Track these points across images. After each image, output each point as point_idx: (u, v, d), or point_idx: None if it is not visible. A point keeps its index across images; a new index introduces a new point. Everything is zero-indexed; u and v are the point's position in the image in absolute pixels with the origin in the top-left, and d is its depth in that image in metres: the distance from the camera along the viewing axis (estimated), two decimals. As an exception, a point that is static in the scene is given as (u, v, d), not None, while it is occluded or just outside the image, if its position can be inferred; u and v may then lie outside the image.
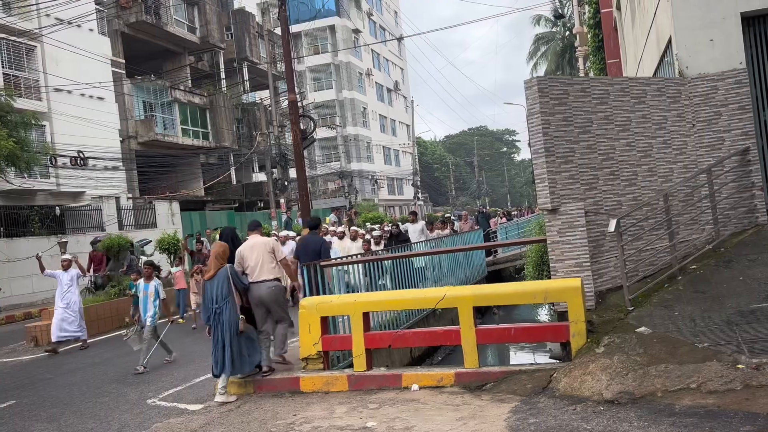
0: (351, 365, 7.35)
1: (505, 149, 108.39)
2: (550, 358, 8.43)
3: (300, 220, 21.14)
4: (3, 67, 23.44)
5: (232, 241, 7.90)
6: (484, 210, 25.95)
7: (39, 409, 7.64)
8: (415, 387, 6.67)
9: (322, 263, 8.49)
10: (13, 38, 23.89)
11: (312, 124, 10.83)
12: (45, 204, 24.63)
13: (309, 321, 7.43)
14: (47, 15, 23.61)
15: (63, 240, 18.61)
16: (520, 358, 12.35)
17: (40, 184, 23.88)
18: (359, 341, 7.17)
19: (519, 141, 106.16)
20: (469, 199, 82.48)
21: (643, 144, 8.71)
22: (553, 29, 47.28)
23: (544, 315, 15.90)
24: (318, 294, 8.14)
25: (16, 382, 9.30)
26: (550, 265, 8.02)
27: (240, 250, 7.65)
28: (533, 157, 8.07)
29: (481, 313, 14.58)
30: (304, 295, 8.20)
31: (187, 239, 18.53)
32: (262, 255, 7.57)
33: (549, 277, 8.38)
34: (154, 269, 10.18)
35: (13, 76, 23.83)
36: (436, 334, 7.54)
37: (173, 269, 13.55)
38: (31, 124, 18.67)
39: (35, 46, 24.73)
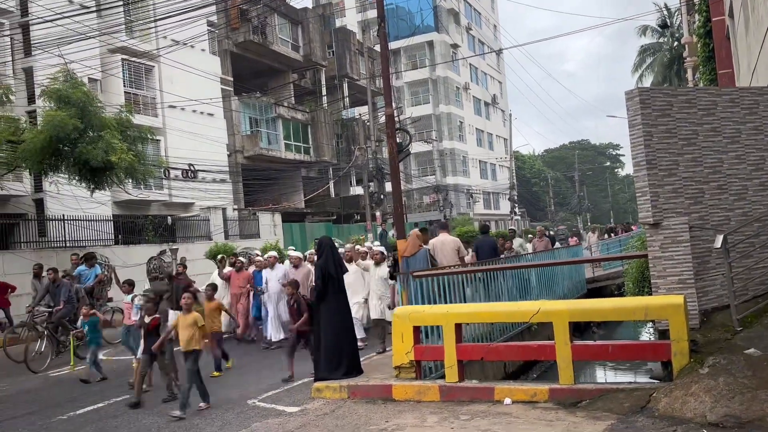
0: (443, 376, 7.39)
1: (608, 164, 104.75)
2: (650, 378, 8.11)
3: (394, 233, 21.42)
4: (124, 85, 25.32)
5: (331, 249, 8.30)
6: (550, 233, 24.56)
7: (149, 404, 8.15)
8: (507, 401, 6.62)
9: (415, 273, 8.59)
10: (134, 59, 25.79)
11: (408, 138, 11.01)
12: (158, 213, 26.28)
13: (402, 330, 7.55)
14: (164, 37, 25.28)
15: (174, 247, 19.73)
16: (616, 377, 11.92)
17: (154, 194, 25.48)
18: (451, 352, 7.21)
19: (623, 155, 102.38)
20: (568, 215, 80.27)
21: (754, 157, 8.26)
22: (660, 40, 45.43)
23: (646, 336, 15.25)
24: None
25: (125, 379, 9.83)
26: (652, 281, 7.75)
27: (433, 243, 10.80)
28: (634, 169, 7.84)
29: (580, 331, 14.18)
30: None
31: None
32: (449, 249, 10.78)
33: (650, 294, 8.08)
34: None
35: (132, 94, 25.69)
36: (530, 348, 7.45)
37: (126, 298, 10.33)
38: (148, 138, 19.95)
39: (153, 66, 26.56)
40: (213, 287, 10.40)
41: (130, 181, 18.43)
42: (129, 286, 10.38)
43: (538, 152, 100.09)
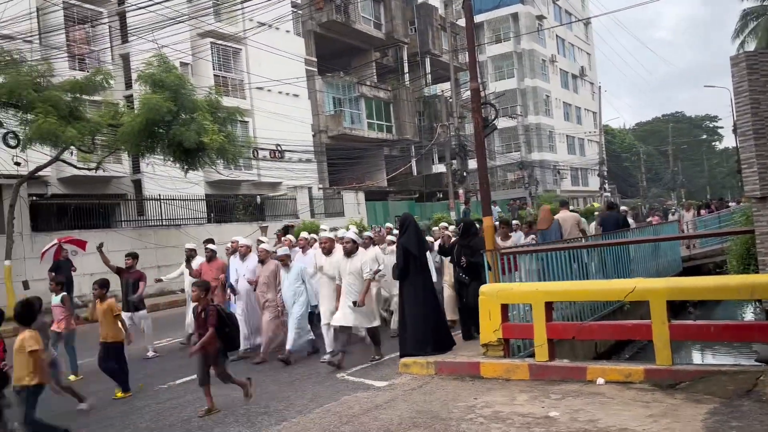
0: (532, 355, 7.25)
1: (704, 137, 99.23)
2: (756, 360, 7.66)
3: (478, 210, 21.07)
4: (213, 68, 26.11)
5: (414, 227, 8.36)
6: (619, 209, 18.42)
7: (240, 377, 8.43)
8: (600, 381, 6.42)
9: (498, 251, 8.44)
10: (222, 42, 26.52)
11: (494, 112, 10.78)
12: (248, 193, 27.10)
13: (489, 307, 7.45)
14: (250, 19, 25.82)
15: (263, 225, 20.30)
16: (714, 359, 11.34)
17: (244, 175, 26.26)
18: (541, 331, 7.05)
19: (721, 127, 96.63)
20: (662, 191, 76.81)
21: None
22: (765, 3, 42.30)
23: (750, 317, 14.43)
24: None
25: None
26: (759, 258, 7.29)
27: (557, 219, 11.59)
28: (740, 140, 7.37)
29: (675, 311, 13.57)
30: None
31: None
32: (571, 225, 11.54)
33: (756, 272, 7.60)
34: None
35: (221, 76, 26.47)
36: (625, 327, 7.17)
37: (54, 299, 8.76)
38: (237, 120, 20.55)
39: (240, 49, 27.24)
40: (102, 283, 8.05)
41: (221, 161, 19.05)
42: (58, 285, 8.73)
43: (629, 126, 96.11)
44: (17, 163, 16.57)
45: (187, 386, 8.16)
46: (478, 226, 9.46)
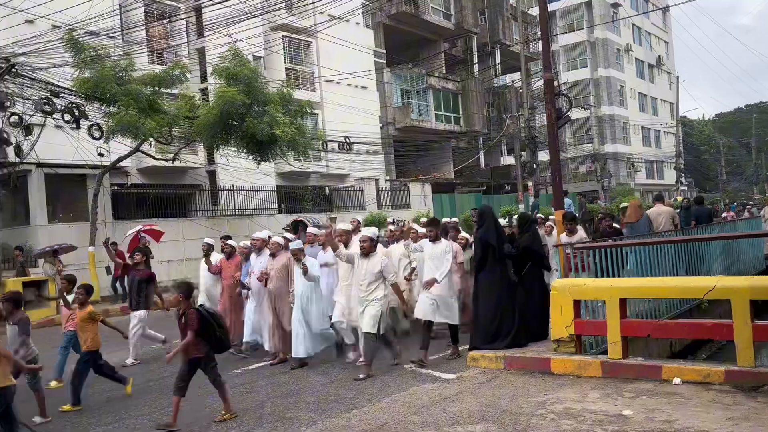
0: (604, 352, 7.11)
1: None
2: None
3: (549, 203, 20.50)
4: (285, 61, 26.59)
5: (493, 219, 8.29)
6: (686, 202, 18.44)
7: (314, 363, 8.63)
8: (676, 381, 6.24)
9: (570, 246, 8.28)
10: (293, 35, 26.97)
11: (568, 103, 10.55)
12: (316, 184, 27.54)
13: (561, 303, 7.33)
14: (321, 12, 26.13)
15: (332, 216, 20.59)
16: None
17: (313, 166, 26.67)
18: (615, 328, 6.89)
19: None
20: (743, 185, 73.29)
21: None
22: None
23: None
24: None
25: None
26: None
27: (649, 213, 11.52)
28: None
29: (756, 311, 12.97)
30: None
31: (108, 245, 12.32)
32: (665, 219, 11.69)
33: None
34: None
35: (292, 69, 26.93)
36: (704, 327, 6.91)
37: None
38: (307, 112, 20.90)
39: (311, 42, 27.63)
40: (87, 289, 7.53)
41: (292, 153, 19.43)
42: (71, 284, 8.21)
43: (708, 117, 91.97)
44: (101, 154, 17.39)
45: (259, 372, 8.41)
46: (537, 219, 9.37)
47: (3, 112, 15.08)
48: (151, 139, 17.78)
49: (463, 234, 10.28)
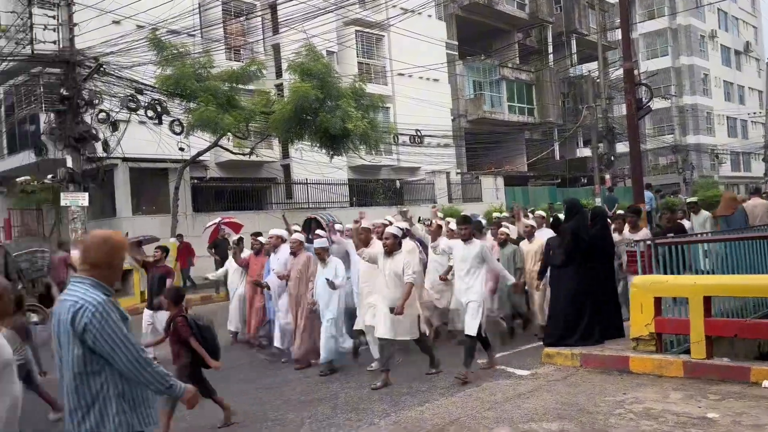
0: (686, 351, 6.85)
1: None
2: None
3: (627, 197, 19.75)
4: (357, 56, 26.79)
5: (584, 212, 8.16)
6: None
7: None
8: (766, 383, 5.94)
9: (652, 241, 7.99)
10: (366, 30, 27.14)
11: (649, 93, 10.14)
12: (387, 177, 27.67)
13: (641, 300, 7.10)
14: (394, 6, 26.16)
15: (404, 209, 20.62)
16: None
17: (384, 160, 26.80)
18: (698, 327, 6.62)
19: None
20: (839, 178, 68.70)
21: None
22: None
23: None
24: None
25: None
26: None
27: (744, 206, 10.71)
28: None
29: None
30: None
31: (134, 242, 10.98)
32: (762, 212, 10.75)
33: None
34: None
35: (365, 63, 27.11)
36: (796, 328, 6.57)
37: None
38: (379, 106, 21.02)
39: (383, 36, 27.73)
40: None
41: (364, 147, 19.58)
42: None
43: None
44: (181, 149, 18.05)
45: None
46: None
47: (92, 109, 15.86)
48: (228, 133, 18.30)
49: (504, 229, 9.55)
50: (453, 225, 9.16)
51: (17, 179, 18.45)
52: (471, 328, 7.03)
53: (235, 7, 23.47)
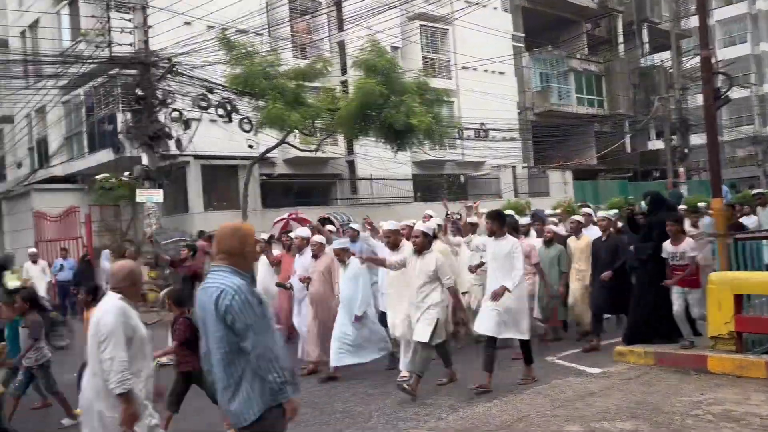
0: (768, 351, 6.56)
1: None
2: None
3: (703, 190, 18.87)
4: (421, 50, 26.72)
5: (665, 203, 7.88)
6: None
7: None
8: None
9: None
10: (430, 24, 27.04)
11: (728, 82, 9.69)
12: (451, 172, 27.50)
13: (720, 298, 6.83)
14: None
15: (468, 204, 20.44)
16: None
17: (448, 154, 26.64)
18: (783, 326, 6.32)
19: None
20: None
21: None
22: None
23: None
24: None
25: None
26: None
27: None
28: None
29: None
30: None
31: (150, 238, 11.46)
32: None
33: None
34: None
35: (429, 58, 27.01)
36: None
37: None
38: (443, 101, 20.89)
39: (447, 29, 27.54)
40: (90, 289, 6.74)
41: (428, 141, 19.53)
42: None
43: None
44: (250, 146, 18.46)
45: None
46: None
47: (165, 108, 16.44)
48: (295, 130, 18.59)
49: (551, 227, 9.14)
50: (524, 220, 9.02)
51: (96, 177, 19.30)
52: (523, 332, 6.73)
53: (301, 5, 23.80)
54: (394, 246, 7.45)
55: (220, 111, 17.44)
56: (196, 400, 5.85)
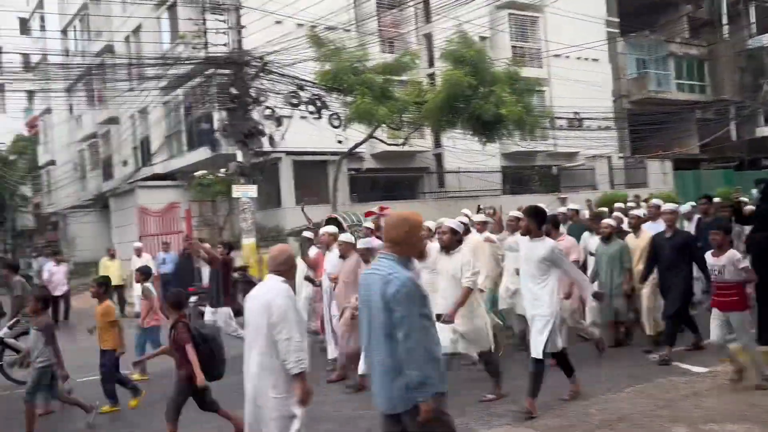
0: None
1: None
2: None
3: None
4: (511, 39, 26.17)
5: None
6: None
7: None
8: None
9: None
10: (519, 12, 26.45)
11: None
12: (543, 164, 26.80)
13: None
14: (548, -14, 25.26)
15: (562, 196, 19.90)
16: None
17: (539, 145, 25.95)
18: None
19: None
20: None
21: None
22: None
23: None
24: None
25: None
26: None
27: None
28: None
29: None
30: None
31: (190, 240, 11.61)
32: None
33: None
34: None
35: (518, 47, 26.43)
36: None
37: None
38: (534, 90, 20.37)
39: (537, 17, 26.85)
40: (101, 282, 7.27)
41: (518, 132, 19.11)
42: (143, 275, 8.15)
43: None
44: (339, 141, 18.69)
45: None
46: None
47: (258, 106, 16.90)
48: (383, 125, 18.66)
49: (607, 221, 8.22)
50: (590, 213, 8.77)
51: (195, 173, 20.14)
52: (536, 349, 5.74)
53: (388, -1, 23.87)
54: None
55: (311, 107, 17.76)
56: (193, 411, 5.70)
